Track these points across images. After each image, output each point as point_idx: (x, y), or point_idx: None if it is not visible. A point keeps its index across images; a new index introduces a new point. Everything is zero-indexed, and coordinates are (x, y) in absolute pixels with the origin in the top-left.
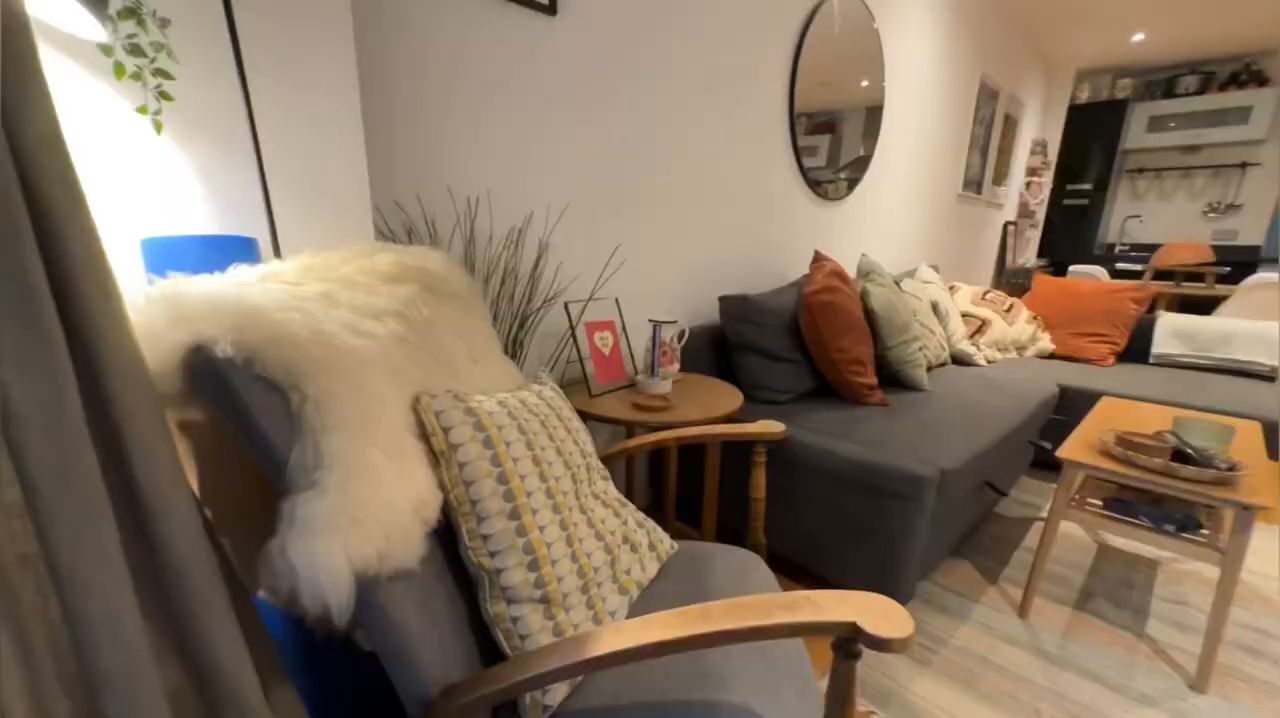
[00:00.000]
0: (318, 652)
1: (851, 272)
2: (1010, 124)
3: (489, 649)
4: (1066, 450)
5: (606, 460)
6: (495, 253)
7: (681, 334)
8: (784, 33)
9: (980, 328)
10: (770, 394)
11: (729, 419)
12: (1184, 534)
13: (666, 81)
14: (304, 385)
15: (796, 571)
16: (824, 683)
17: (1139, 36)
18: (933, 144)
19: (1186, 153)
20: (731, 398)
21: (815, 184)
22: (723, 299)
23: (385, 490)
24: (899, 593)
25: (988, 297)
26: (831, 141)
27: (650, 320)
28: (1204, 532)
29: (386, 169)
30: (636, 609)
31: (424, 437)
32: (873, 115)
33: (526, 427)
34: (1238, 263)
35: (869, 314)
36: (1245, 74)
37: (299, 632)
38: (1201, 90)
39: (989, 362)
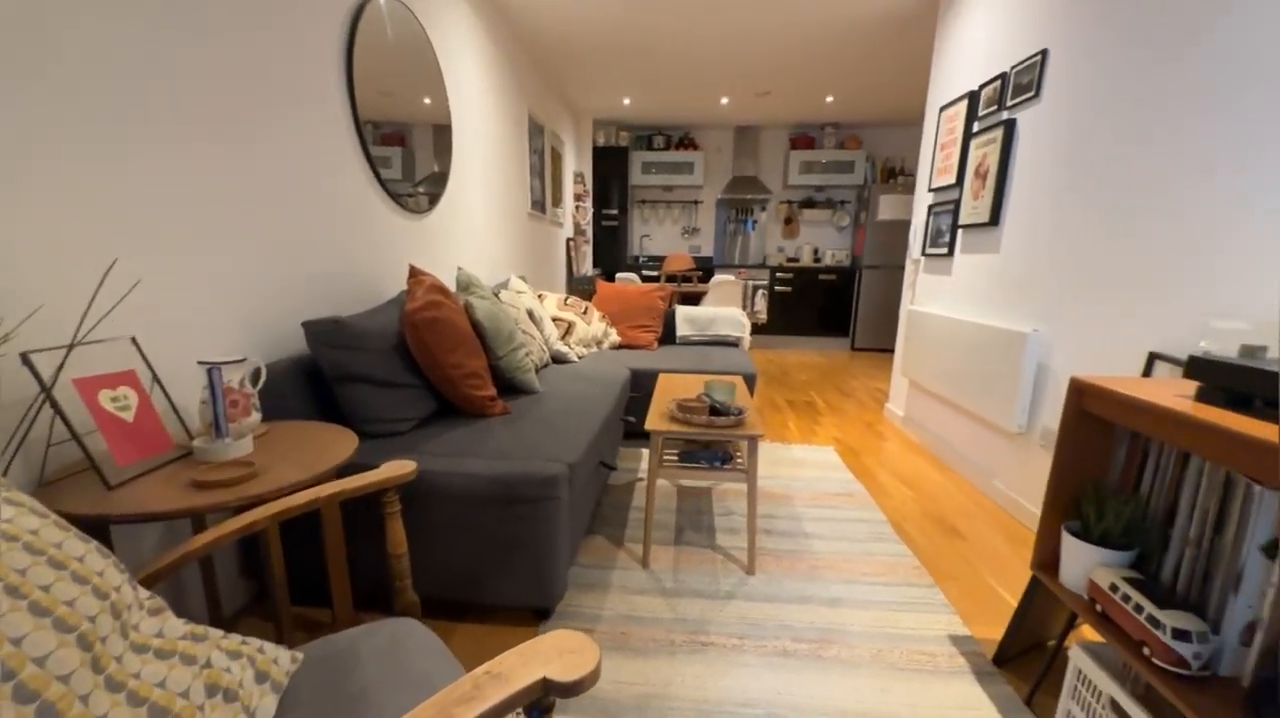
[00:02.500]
0: None
1: (451, 285)
2: (556, 156)
3: None
4: (650, 423)
5: (155, 580)
6: None
7: (256, 374)
8: (330, 29)
9: (569, 329)
10: (389, 426)
11: (346, 469)
12: (725, 466)
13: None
14: None
15: (455, 609)
16: None
17: (627, 101)
18: (502, 167)
19: (666, 191)
20: (342, 441)
21: (396, 196)
22: (308, 325)
23: None
24: (556, 588)
25: (568, 302)
26: (404, 155)
27: (201, 363)
28: (735, 460)
29: None
30: None
31: None
32: (441, 133)
33: None
34: (706, 268)
35: (476, 326)
36: (686, 140)
37: None
38: (667, 147)
39: (580, 357)
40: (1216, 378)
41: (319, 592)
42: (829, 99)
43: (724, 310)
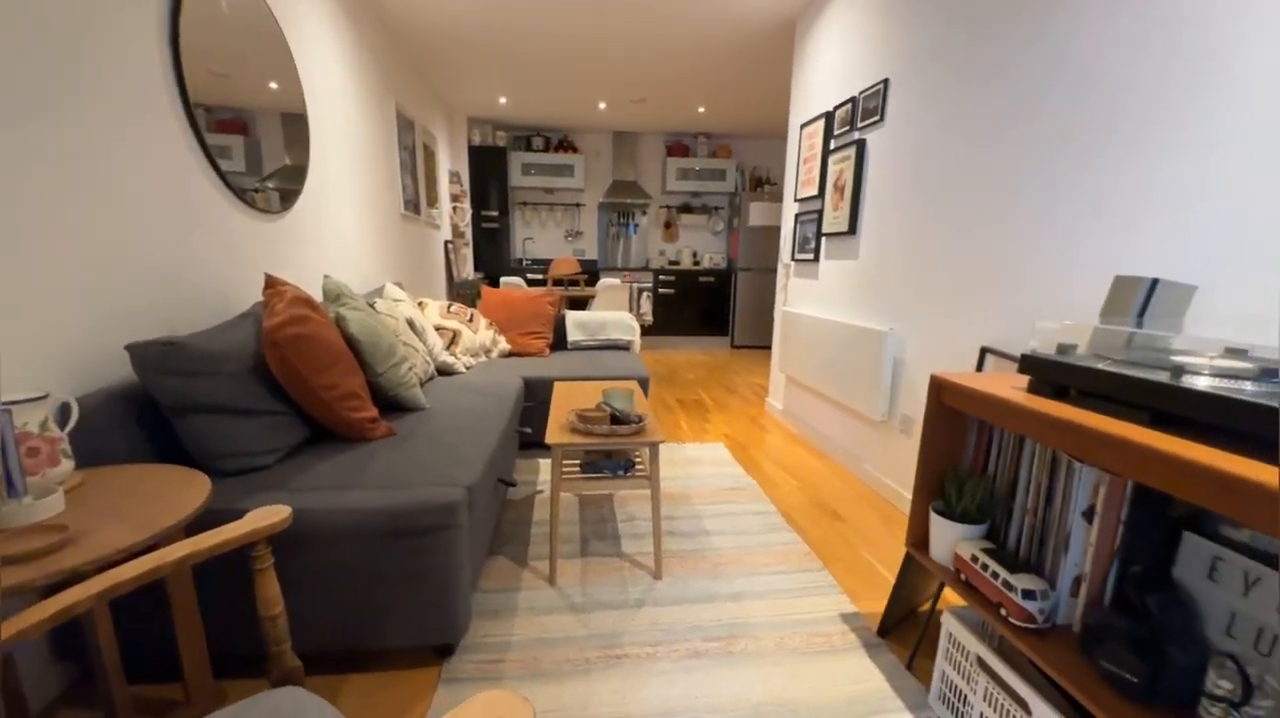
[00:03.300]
0: None
1: (317, 295)
2: (429, 154)
3: None
4: (550, 437)
5: None
6: None
7: (64, 412)
8: None
9: (454, 338)
10: (250, 460)
11: (198, 521)
12: (628, 474)
13: None
14: None
15: (343, 661)
16: None
17: (504, 99)
18: (369, 163)
19: (547, 193)
20: (191, 487)
21: (240, 192)
22: (135, 349)
23: None
24: (459, 622)
25: (452, 309)
26: (248, 145)
27: None
28: (637, 467)
29: None
30: None
31: None
32: (293, 123)
33: None
34: (591, 271)
35: (350, 341)
36: (565, 142)
37: None
38: (546, 149)
39: (468, 367)
40: (1042, 373)
41: (166, 663)
42: (701, 109)
43: (613, 315)
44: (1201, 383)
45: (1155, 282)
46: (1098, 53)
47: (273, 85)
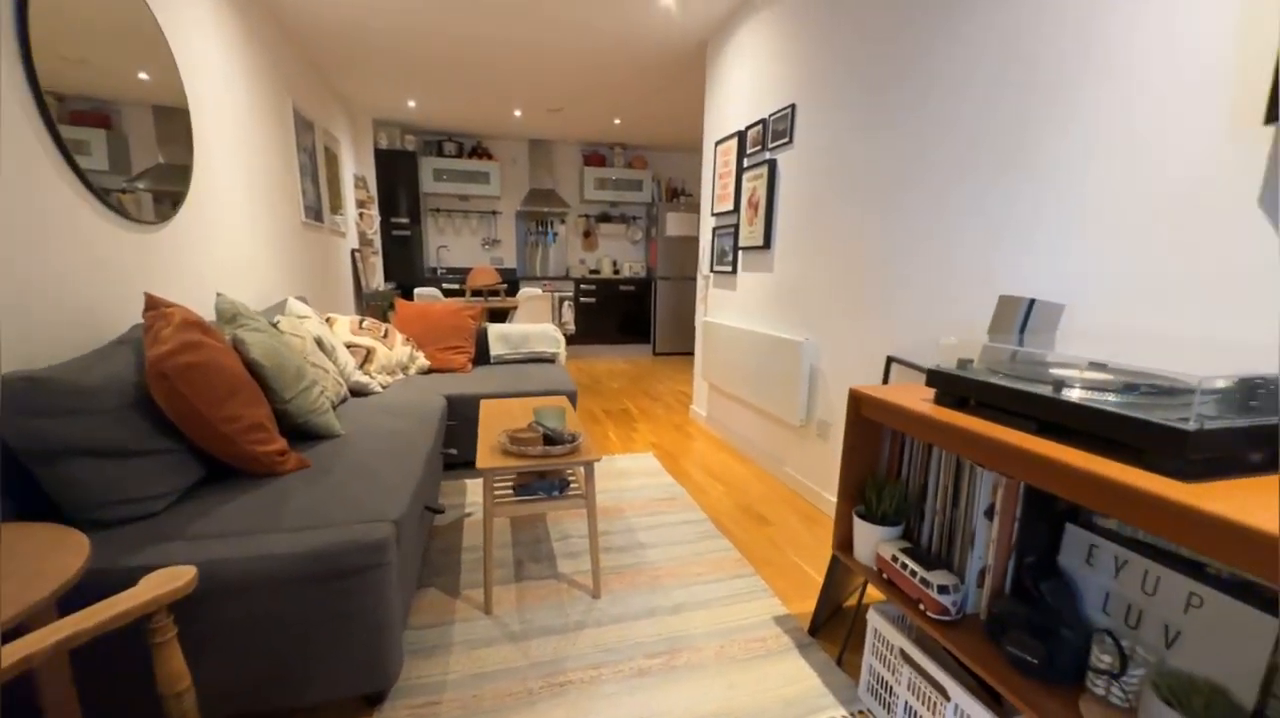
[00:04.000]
0: None
1: (209, 316)
2: (332, 157)
3: None
4: (482, 460)
5: None
6: None
7: None
8: None
9: (368, 356)
10: (134, 508)
11: (78, 590)
12: (563, 494)
13: None
14: None
15: None
16: None
17: (413, 103)
18: (265, 166)
19: (462, 200)
20: (61, 549)
21: (105, 193)
22: None
23: None
24: (390, 666)
25: (365, 325)
26: (112, 140)
27: None
28: (571, 486)
29: None
30: None
31: None
32: (170, 117)
33: None
34: (510, 280)
35: (252, 367)
36: (479, 149)
37: None
38: (459, 154)
39: (384, 386)
40: (945, 386)
41: None
42: (616, 121)
43: (537, 327)
44: (1075, 395)
45: (1033, 301)
46: (970, 95)
47: (143, 76)
